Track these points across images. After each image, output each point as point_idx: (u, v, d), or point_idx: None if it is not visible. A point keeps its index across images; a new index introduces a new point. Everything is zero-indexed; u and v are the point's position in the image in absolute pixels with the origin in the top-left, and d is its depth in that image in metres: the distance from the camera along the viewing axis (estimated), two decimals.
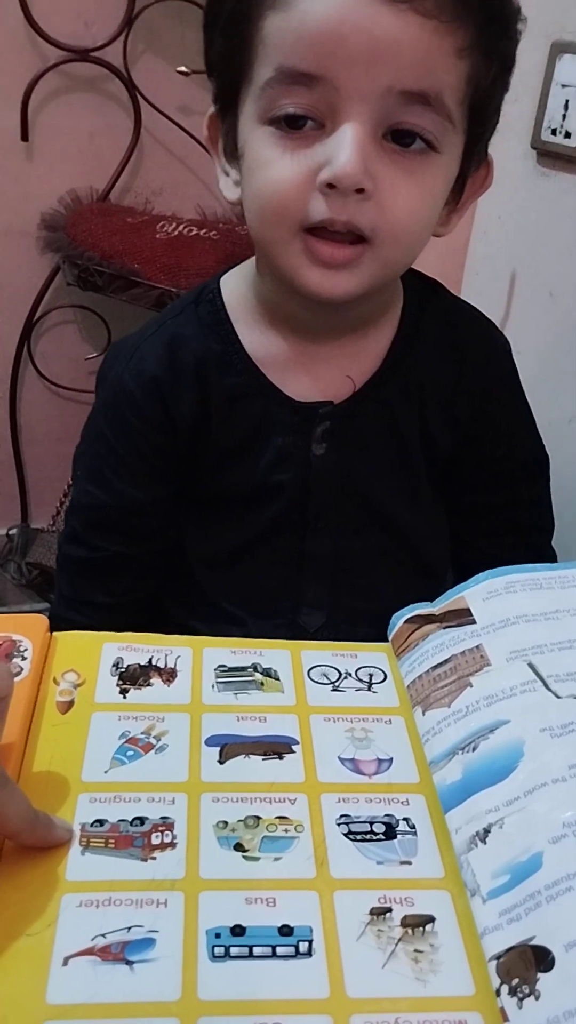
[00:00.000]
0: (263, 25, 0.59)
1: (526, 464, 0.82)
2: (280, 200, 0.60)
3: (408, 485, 0.76)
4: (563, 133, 1.07)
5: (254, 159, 0.62)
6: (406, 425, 0.74)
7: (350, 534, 0.74)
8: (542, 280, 1.12)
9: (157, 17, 1.33)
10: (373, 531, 0.75)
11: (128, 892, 0.42)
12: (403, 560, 0.77)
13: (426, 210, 0.63)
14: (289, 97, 0.58)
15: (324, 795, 0.48)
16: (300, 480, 0.72)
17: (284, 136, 0.59)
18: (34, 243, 1.41)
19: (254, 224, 0.64)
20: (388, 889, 0.44)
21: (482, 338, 0.78)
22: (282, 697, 0.55)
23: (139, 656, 0.56)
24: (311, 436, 0.71)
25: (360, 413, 0.72)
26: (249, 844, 0.45)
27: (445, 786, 0.48)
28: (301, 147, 0.59)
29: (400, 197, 0.60)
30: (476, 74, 0.60)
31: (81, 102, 1.37)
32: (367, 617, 0.69)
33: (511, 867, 0.42)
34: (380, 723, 0.53)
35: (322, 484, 0.72)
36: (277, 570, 0.75)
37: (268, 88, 0.59)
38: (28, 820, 0.42)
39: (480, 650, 0.53)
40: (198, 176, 1.43)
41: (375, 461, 0.73)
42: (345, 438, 0.72)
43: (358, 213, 0.59)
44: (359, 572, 0.75)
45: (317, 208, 0.59)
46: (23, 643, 0.54)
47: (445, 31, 0.57)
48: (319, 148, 0.58)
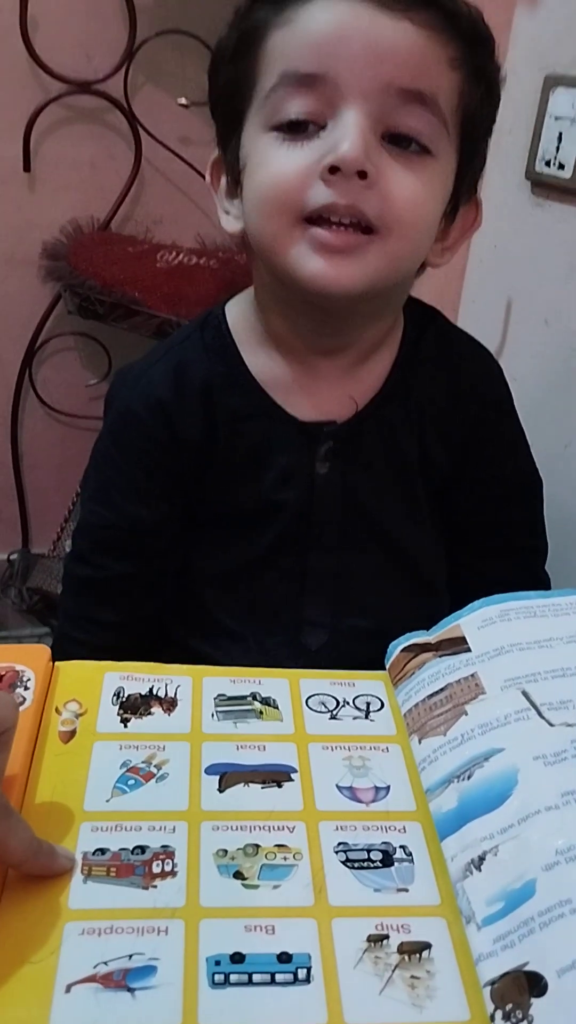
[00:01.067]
0: (268, 44, 0.63)
1: (520, 487, 0.83)
2: (281, 189, 0.62)
3: (409, 504, 0.77)
4: (557, 164, 1.09)
5: (256, 162, 0.64)
6: (407, 445, 0.75)
7: (352, 552, 0.75)
8: (537, 308, 1.14)
9: (158, 50, 1.35)
10: (374, 549, 0.76)
11: (129, 920, 0.43)
12: (403, 578, 0.78)
13: (428, 205, 0.65)
14: (292, 100, 0.61)
15: (322, 823, 0.49)
16: (303, 498, 0.73)
17: (286, 139, 0.62)
18: (36, 271, 1.42)
19: (255, 222, 0.65)
20: (385, 916, 0.44)
21: (477, 363, 0.80)
22: (281, 726, 0.55)
23: (140, 686, 0.57)
24: (315, 455, 0.73)
25: (362, 432, 0.74)
26: (248, 872, 0.46)
27: (441, 814, 0.49)
28: (303, 146, 0.62)
29: (402, 187, 0.62)
30: (467, 89, 0.65)
31: (82, 133, 1.40)
32: (368, 635, 0.70)
33: (505, 894, 0.43)
34: (377, 751, 0.54)
35: (325, 502, 0.74)
36: (279, 588, 0.76)
37: (272, 95, 0.62)
38: (31, 850, 0.43)
39: (475, 678, 0.54)
40: (198, 205, 1.45)
41: (377, 480, 0.75)
42: (348, 457, 0.73)
43: (361, 199, 0.61)
44: (360, 590, 0.76)
45: (318, 194, 0.61)
46: (26, 673, 0.55)
47: (438, 41, 0.62)
48: (320, 142, 0.61)
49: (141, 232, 1.46)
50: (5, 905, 0.43)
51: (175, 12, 1.34)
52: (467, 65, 0.64)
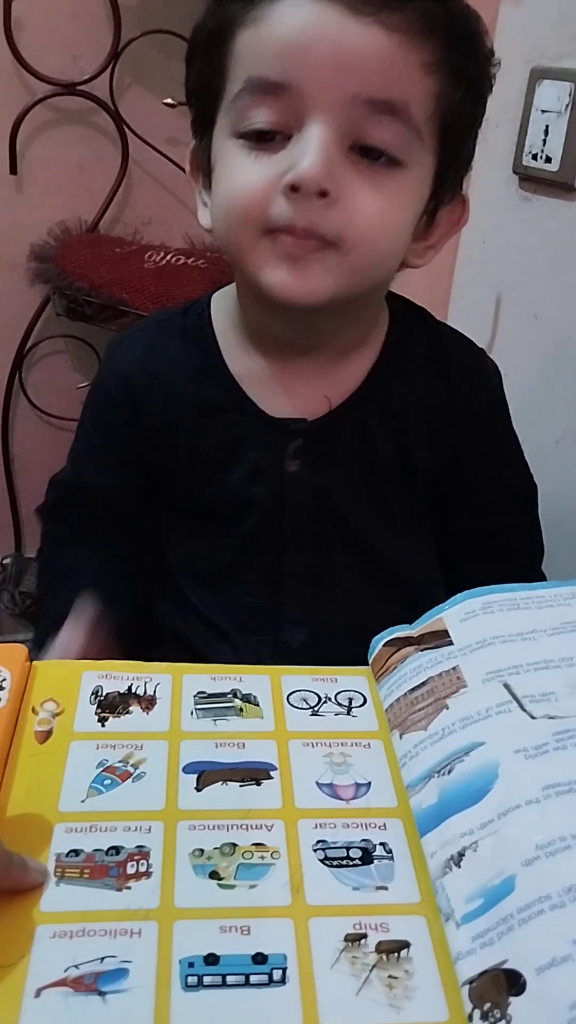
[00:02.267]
0: (235, 43, 0.61)
1: (513, 493, 0.82)
2: (244, 202, 0.61)
3: (383, 507, 0.76)
4: (544, 158, 1.08)
5: (223, 169, 0.63)
6: (383, 449, 0.74)
7: (327, 551, 0.75)
8: (527, 303, 1.13)
9: (143, 50, 1.34)
10: (349, 550, 0.75)
11: (102, 922, 0.42)
12: (380, 581, 0.77)
13: (394, 221, 0.63)
14: (258, 109, 0.59)
15: (301, 821, 0.48)
16: (274, 496, 0.73)
17: (253, 148, 0.61)
18: (24, 274, 1.42)
19: (220, 230, 0.65)
20: (364, 915, 0.44)
21: (471, 364, 0.78)
22: (261, 723, 0.55)
23: (119, 684, 0.56)
24: (284, 452, 0.72)
25: (335, 432, 0.72)
26: (225, 872, 0.45)
27: (421, 810, 0.48)
28: (267, 157, 0.60)
29: (366, 204, 0.60)
30: (445, 93, 0.61)
31: (69, 135, 1.39)
32: (349, 632, 0.69)
33: (484, 891, 0.42)
34: (359, 747, 0.53)
35: (296, 501, 0.73)
36: (257, 587, 0.75)
37: (238, 100, 0.60)
38: (2, 864, 0.42)
39: (457, 672, 0.53)
40: (186, 206, 1.45)
41: (349, 482, 0.74)
42: (319, 456, 0.72)
43: (321, 219, 0.59)
44: (339, 588, 0.76)
45: (280, 210, 0.60)
46: (1, 673, 0.54)
47: (411, 45, 0.58)
48: (285, 154, 0.59)
49: (129, 233, 1.45)
50: None
51: (160, 12, 1.34)
52: (446, 67, 0.61)
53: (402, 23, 0.58)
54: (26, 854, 0.44)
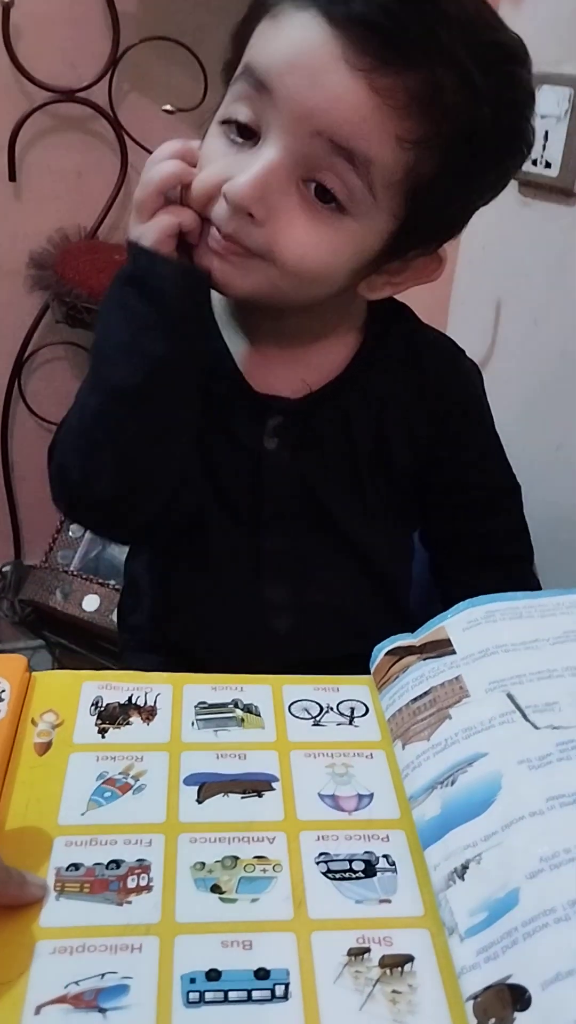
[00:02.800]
0: (258, 26, 0.62)
1: (496, 492, 0.82)
2: (197, 192, 0.62)
3: (359, 494, 0.76)
4: (543, 163, 1.08)
5: (203, 152, 0.64)
6: (361, 436, 0.74)
7: (303, 534, 0.75)
8: (526, 308, 1.13)
9: (142, 57, 1.34)
10: (324, 532, 0.75)
11: (103, 938, 0.42)
12: (355, 568, 0.77)
13: (321, 258, 0.62)
14: (244, 100, 0.61)
15: (303, 833, 0.48)
16: (251, 472, 0.73)
17: (230, 140, 0.62)
18: (23, 281, 1.42)
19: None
20: (367, 929, 0.43)
21: (446, 363, 0.78)
22: (262, 733, 0.54)
23: (118, 694, 0.56)
24: (263, 429, 0.72)
25: (314, 415, 0.73)
26: (226, 885, 0.45)
27: (424, 821, 0.48)
28: (236, 153, 0.61)
29: (294, 236, 0.60)
30: (421, 168, 0.60)
31: (68, 142, 1.39)
32: (333, 615, 0.73)
33: (488, 904, 0.42)
34: (361, 758, 0.53)
35: (274, 480, 0.73)
36: (237, 569, 0.75)
37: (235, 84, 0.62)
38: (1, 879, 0.42)
39: (459, 681, 0.53)
40: None
41: (327, 466, 0.74)
42: (297, 437, 0.73)
43: (243, 232, 0.60)
44: (317, 570, 0.75)
45: (217, 209, 0.61)
46: (0, 684, 0.53)
47: (389, 113, 0.57)
48: (244, 158, 0.60)
49: None
50: None
51: (159, 19, 1.34)
52: (427, 145, 0.59)
53: (388, 90, 0.57)
54: (26, 868, 0.44)
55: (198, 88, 1.30)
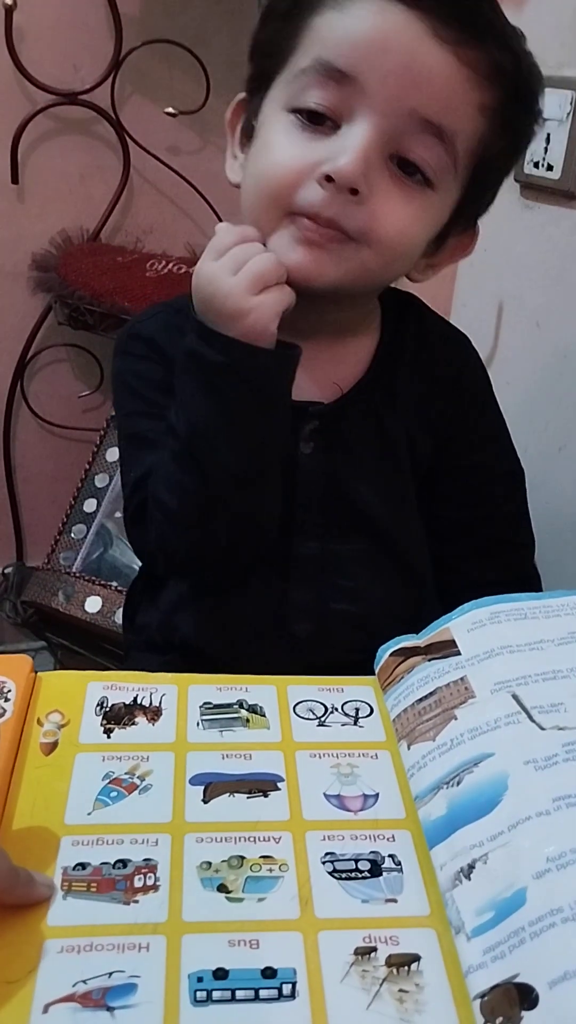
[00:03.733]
0: (315, 19, 0.63)
1: (502, 475, 0.83)
2: (276, 182, 0.63)
3: (394, 491, 0.76)
4: (545, 166, 1.08)
5: (265, 141, 0.65)
6: (393, 430, 0.75)
7: (336, 537, 0.74)
8: (528, 310, 1.13)
9: (144, 60, 1.35)
10: (358, 535, 0.75)
11: (110, 937, 0.42)
12: (388, 566, 0.77)
13: (414, 234, 0.66)
14: (318, 90, 0.62)
15: (309, 833, 0.48)
16: (286, 478, 0.72)
17: (302, 127, 0.63)
18: (26, 283, 1.42)
19: (249, 203, 0.67)
20: (373, 928, 0.43)
21: (457, 351, 0.80)
22: (268, 734, 0.54)
23: (124, 695, 0.56)
24: (299, 434, 0.73)
25: (347, 415, 0.74)
26: (233, 885, 0.45)
27: (430, 821, 0.48)
28: (313, 139, 0.62)
29: (393, 211, 0.63)
30: (489, 137, 0.65)
31: (70, 144, 1.39)
32: (355, 621, 0.74)
33: (495, 903, 0.42)
34: (366, 758, 0.53)
35: (308, 484, 0.73)
36: (263, 573, 0.74)
37: (302, 76, 0.63)
38: (9, 879, 0.42)
39: (464, 682, 0.53)
40: (187, 214, 1.45)
41: (360, 464, 0.74)
42: (332, 439, 0.73)
43: (346, 214, 0.62)
44: (345, 577, 0.75)
45: (310, 195, 0.62)
46: (7, 684, 0.54)
47: (476, 84, 0.62)
48: (328, 143, 0.62)
49: (131, 242, 1.45)
50: None
51: (161, 22, 1.34)
52: (499, 115, 0.64)
53: (474, 60, 0.61)
54: (33, 867, 0.44)
55: (200, 91, 1.31)
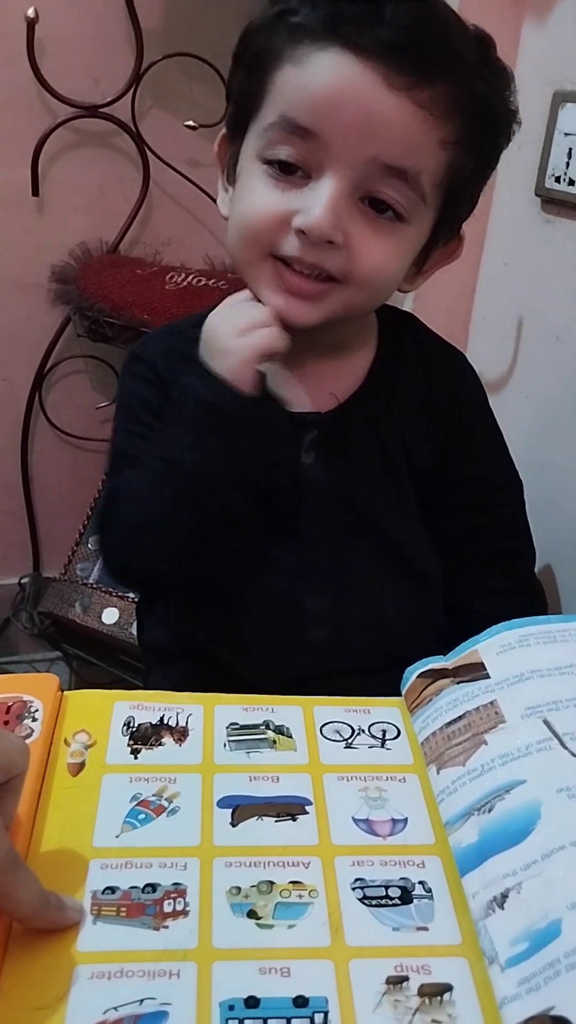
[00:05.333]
0: (278, 75, 0.65)
1: (500, 487, 0.84)
2: (257, 228, 0.67)
3: (395, 497, 0.78)
4: (567, 180, 1.07)
5: (244, 187, 0.68)
6: (390, 440, 0.77)
7: (344, 545, 0.76)
8: (548, 325, 1.13)
9: (165, 73, 1.35)
10: (365, 542, 0.77)
11: (140, 963, 0.42)
12: (397, 571, 0.78)
13: (392, 267, 0.69)
14: (285, 144, 0.65)
15: (338, 858, 0.48)
16: (290, 488, 0.75)
17: (275, 177, 0.66)
18: (45, 295, 1.43)
19: (232, 244, 0.71)
20: (404, 957, 0.43)
21: (454, 366, 0.83)
22: (295, 755, 0.54)
23: (150, 715, 0.56)
24: (300, 445, 0.75)
25: (345, 425, 0.76)
26: (262, 911, 0.44)
27: (461, 848, 0.47)
28: (287, 189, 0.66)
29: (369, 251, 0.66)
30: (456, 165, 0.67)
31: (90, 157, 1.40)
32: (370, 624, 0.76)
33: (529, 934, 0.41)
34: (394, 781, 0.53)
35: (312, 493, 0.75)
36: (277, 583, 0.76)
37: (270, 131, 0.65)
38: (39, 903, 0.42)
39: (494, 706, 0.53)
40: (206, 227, 1.45)
41: (361, 473, 0.77)
42: (332, 449, 0.76)
43: (326, 258, 0.66)
44: (357, 581, 0.77)
45: (289, 244, 0.66)
46: (34, 704, 0.53)
47: (434, 122, 0.64)
48: (301, 194, 0.65)
49: (150, 254, 1.46)
50: (13, 948, 0.42)
51: (182, 35, 1.35)
52: (462, 145, 0.66)
53: (429, 101, 0.63)
54: (62, 891, 0.44)
55: (220, 104, 1.30)
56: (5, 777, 0.42)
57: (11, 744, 0.43)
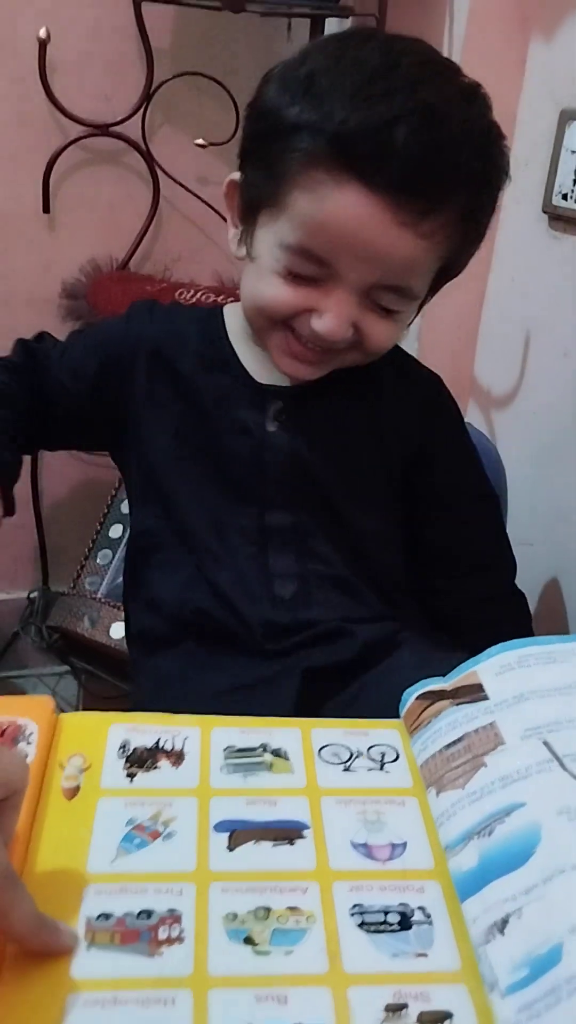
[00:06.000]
0: (291, 197, 0.69)
1: (479, 498, 0.89)
2: (271, 312, 0.74)
3: (353, 478, 0.83)
4: (573, 198, 1.07)
5: (262, 273, 0.74)
6: (354, 425, 0.83)
7: (304, 510, 0.81)
8: (556, 340, 1.12)
9: (175, 92, 1.36)
10: (321, 511, 0.82)
11: (135, 990, 0.41)
12: (349, 543, 0.83)
13: (396, 337, 0.78)
14: (301, 261, 0.71)
15: (336, 883, 0.47)
16: (255, 453, 0.81)
17: (291, 277, 0.72)
18: (56, 310, 1.44)
19: (247, 309, 0.78)
20: (403, 983, 0.42)
21: (432, 385, 0.89)
22: (292, 778, 0.53)
23: (146, 738, 0.55)
24: (266, 413, 0.81)
25: (307, 402, 0.81)
26: (259, 937, 0.44)
27: (461, 873, 0.47)
28: (302, 286, 0.72)
29: (377, 333, 0.74)
30: (450, 265, 0.76)
31: (101, 174, 1.41)
32: (334, 582, 0.81)
33: (530, 960, 0.41)
34: (393, 805, 0.52)
35: (274, 460, 0.81)
36: (243, 546, 0.81)
37: (288, 251, 0.71)
38: (34, 924, 0.41)
39: (494, 728, 0.52)
40: (215, 243, 1.46)
41: (322, 449, 0.81)
42: (295, 421, 0.81)
43: (337, 344, 0.73)
44: (318, 541, 0.82)
45: (303, 325, 0.73)
46: (28, 727, 0.53)
47: (434, 248, 0.70)
48: (316, 293, 0.72)
49: (159, 271, 1.46)
50: (6, 974, 0.41)
51: (192, 54, 1.36)
52: (462, 247, 0.74)
53: (432, 230, 0.68)
54: (56, 916, 0.43)
55: (230, 122, 1.32)
56: (5, 794, 0.42)
57: (11, 761, 0.43)
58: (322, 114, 0.66)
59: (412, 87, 0.66)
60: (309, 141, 0.66)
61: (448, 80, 0.70)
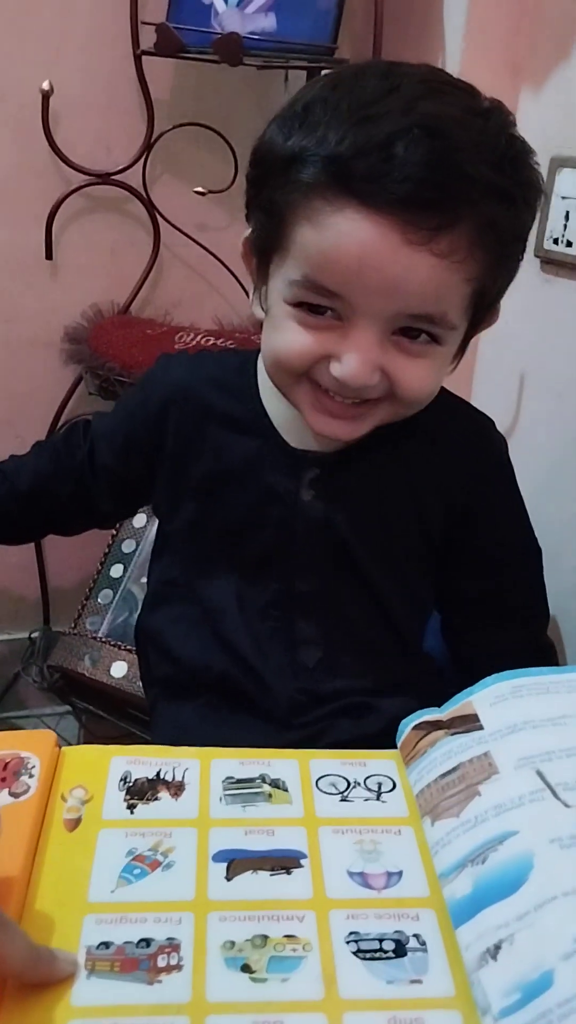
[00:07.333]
0: (296, 231, 0.64)
1: (519, 550, 0.84)
2: (293, 363, 0.68)
3: (388, 547, 0.78)
4: (564, 242, 1.10)
5: (276, 323, 0.69)
6: (392, 491, 0.78)
7: (333, 579, 0.78)
8: (549, 382, 1.14)
9: (175, 141, 1.40)
10: (351, 580, 0.78)
11: (134, 1017, 0.42)
12: (379, 613, 0.80)
13: (433, 381, 0.70)
14: (314, 295, 0.65)
15: (333, 911, 0.48)
16: (285, 521, 0.77)
17: (306, 317, 0.66)
18: (58, 354, 1.46)
19: (268, 367, 0.73)
20: (399, 1009, 0.43)
21: (474, 432, 0.82)
22: (290, 809, 0.54)
23: (147, 769, 0.56)
24: (300, 481, 0.77)
25: (347, 469, 0.77)
26: (256, 965, 0.45)
27: (455, 900, 0.47)
28: (319, 329, 0.66)
29: (409, 376, 0.67)
30: (483, 288, 0.67)
31: (103, 221, 1.44)
32: (360, 649, 0.79)
33: (522, 985, 0.41)
34: (389, 834, 0.53)
35: (306, 528, 0.77)
36: (271, 611, 0.78)
37: (295, 286, 0.66)
38: (29, 959, 0.42)
39: (488, 757, 0.53)
40: (215, 288, 1.48)
41: (358, 517, 0.77)
42: (331, 490, 0.77)
43: (365, 391, 0.67)
44: (346, 611, 0.79)
45: (326, 377, 0.67)
46: (30, 760, 0.54)
47: (456, 267, 0.62)
48: (334, 336, 0.66)
49: (160, 315, 1.49)
50: (7, 1002, 0.42)
51: (191, 105, 1.40)
52: (490, 272, 0.65)
53: (450, 247, 0.61)
54: (56, 946, 0.44)
55: (228, 171, 1.35)
56: None
57: None
58: (316, 140, 0.61)
59: (411, 104, 0.60)
60: (305, 170, 0.62)
61: (456, 97, 0.64)
